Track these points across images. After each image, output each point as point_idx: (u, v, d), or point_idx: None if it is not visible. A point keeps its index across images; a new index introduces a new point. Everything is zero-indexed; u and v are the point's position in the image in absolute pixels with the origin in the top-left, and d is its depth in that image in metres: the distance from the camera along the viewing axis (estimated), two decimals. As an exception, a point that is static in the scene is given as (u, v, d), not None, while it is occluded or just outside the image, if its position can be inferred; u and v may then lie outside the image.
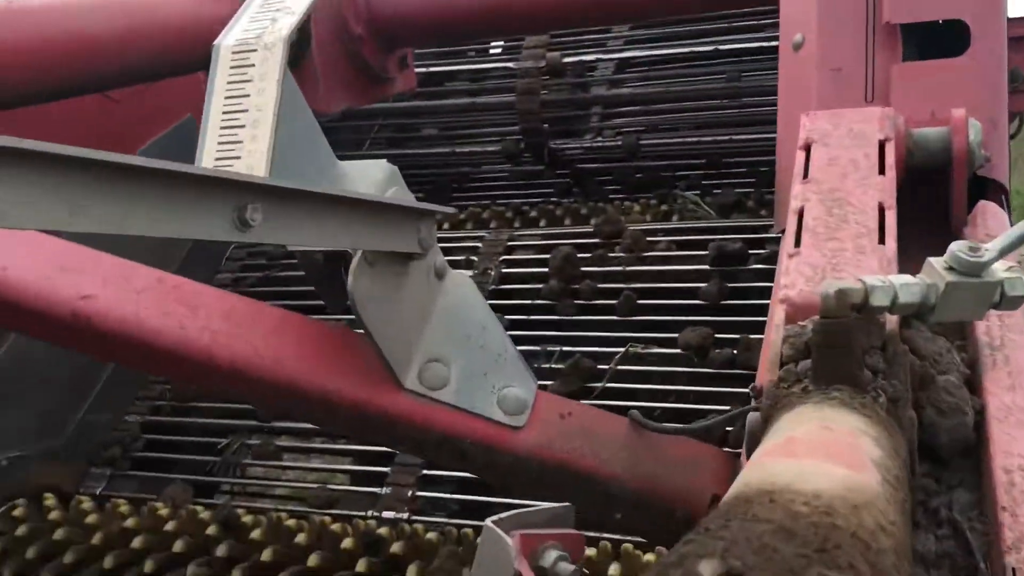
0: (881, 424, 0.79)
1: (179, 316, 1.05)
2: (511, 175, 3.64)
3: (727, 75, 3.32)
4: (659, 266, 2.64)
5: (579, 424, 1.21)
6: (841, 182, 1.10)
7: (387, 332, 1.03)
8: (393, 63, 2.12)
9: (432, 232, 1.07)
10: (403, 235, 1.00)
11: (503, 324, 2.58)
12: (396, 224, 0.98)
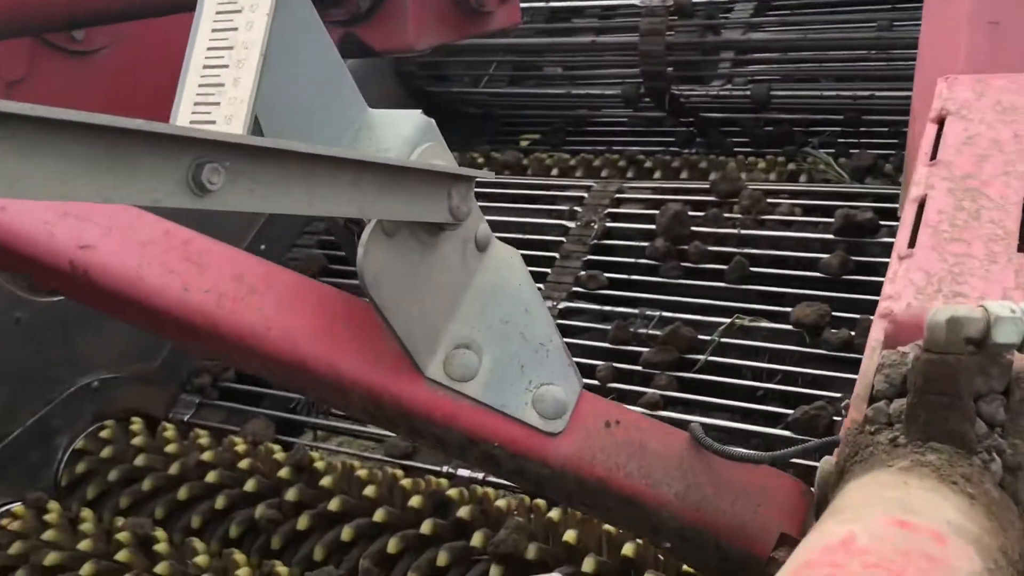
0: (988, 511, 0.60)
1: (184, 275, 0.95)
2: (630, 121, 3.44)
3: (877, 23, 2.99)
4: (778, 231, 2.41)
5: (628, 436, 1.04)
6: (978, 168, 0.89)
7: (407, 315, 0.88)
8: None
9: (469, 198, 0.92)
10: (429, 202, 0.86)
11: (602, 282, 2.47)
12: (419, 189, 0.83)
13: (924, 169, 0.89)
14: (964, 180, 0.86)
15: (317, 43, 0.89)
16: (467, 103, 3.65)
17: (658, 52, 2.96)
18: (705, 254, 2.41)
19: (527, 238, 2.73)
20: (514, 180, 2.99)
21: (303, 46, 0.87)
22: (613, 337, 2.29)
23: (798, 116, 3.08)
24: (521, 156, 3.20)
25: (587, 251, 2.56)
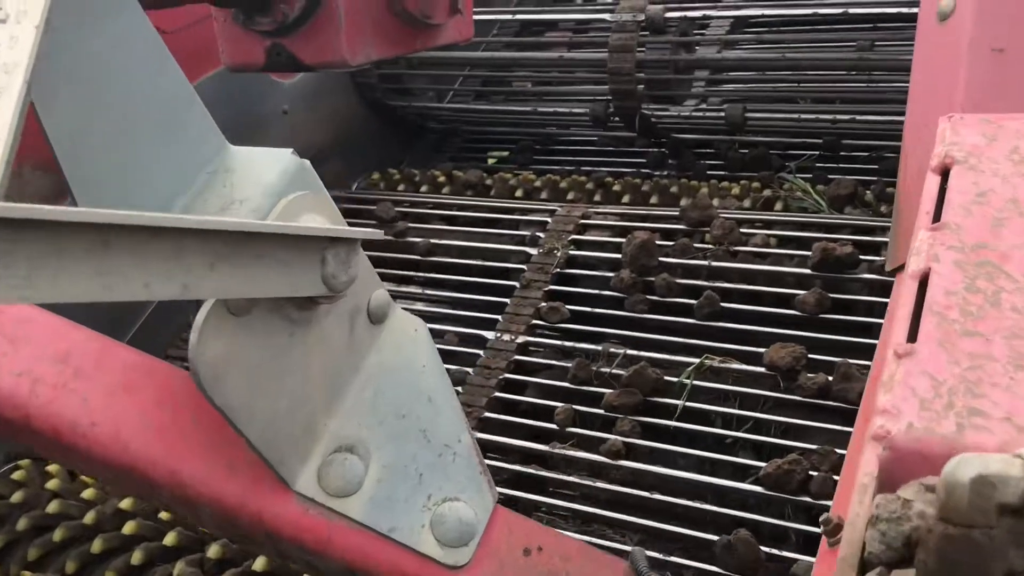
0: None
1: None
2: (600, 140, 3.29)
3: (858, 44, 2.86)
4: (751, 264, 2.26)
5: (552, 567, 0.85)
6: (994, 235, 0.70)
7: (266, 417, 0.69)
8: (441, 7, 1.79)
9: (352, 263, 0.74)
10: (292, 272, 0.67)
11: (564, 314, 2.32)
12: (278, 256, 0.66)
13: (926, 234, 0.72)
14: (977, 251, 0.69)
15: (146, 62, 0.71)
16: (430, 118, 3.49)
17: (628, 70, 2.81)
18: (673, 287, 2.25)
19: (487, 265, 2.57)
20: (475, 202, 2.83)
21: (123, 67, 0.69)
22: (573, 376, 2.13)
23: (774, 139, 2.94)
24: (484, 175, 3.04)
25: (549, 280, 2.41)
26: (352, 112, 3.30)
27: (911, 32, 2.76)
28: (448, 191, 3.05)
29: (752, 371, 2.03)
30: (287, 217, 0.71)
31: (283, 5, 1.61)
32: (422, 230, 2.73)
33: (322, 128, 3.16)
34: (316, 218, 0.73)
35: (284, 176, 0.73)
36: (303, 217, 0.72)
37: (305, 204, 0.74)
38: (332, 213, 0.77)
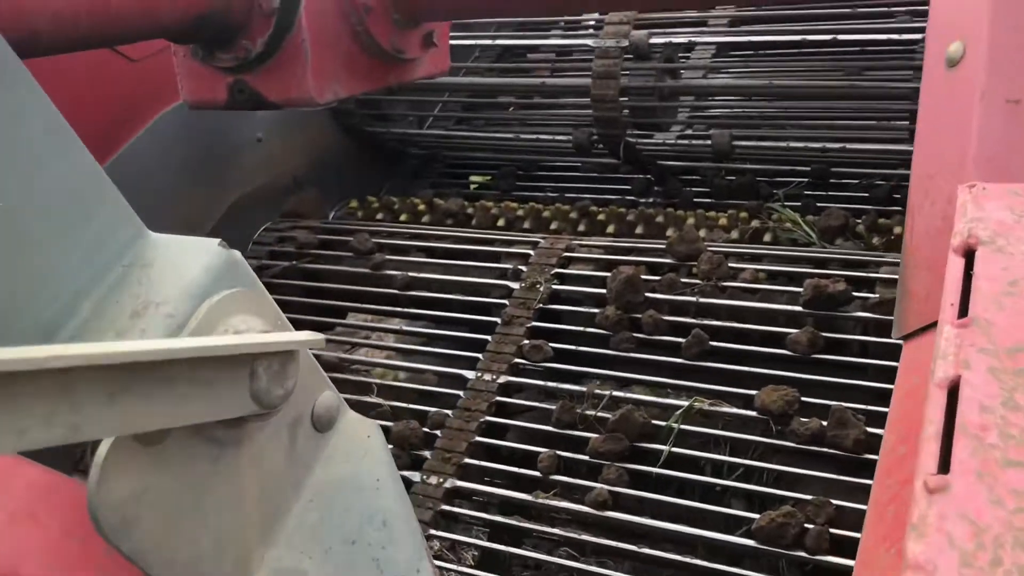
0: None
1: None
2: (584, 166, 3.22)
3: (846, 69, 2.80)
4: (740, 300, 2.18)
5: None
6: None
7: (187, 559, 0.60)
8: (415, 41, 1.71)
9: (288, 373, 0.65)
10: (213, 394, 0.59)
11: (548, 352, 2.23)
12: (196, 378, 0.57)
13: (952, 332, 0.63)
14: (1014, 355, 0.59)
15: (44, 142, 0.60)
16: (411, 144, 3.40)
17: (612, 96, 2.74)
18: (660, 324, 2.17)
19: (468, 300, 2.48)
20: (455, 233, 2.74)
21: (14, 147, 0.59)
22: (557, 420, 2.04)
23: (762, 167, 2.87)
24: (465, 204, 2.96)
25: (531, 316, 2.32)
26: (330, 139, 3.21)
27: (900, 60, 2.72)
28: (428, 220, 2.96)
29: (743, 415, 1.95)
30: (211, 322, 0.62)
31: (245, 40, 1.52)
32: (400, 262, 2.64)
33: (298, 156, 3.07)
34: (248, 320, 0.64)
35: (209, 273, 0.63)
36: (233, 319, 0.63)
37: (234, 305, 0.64)
38: (267, 312, 0.67)
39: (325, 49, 1.54)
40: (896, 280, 2.06)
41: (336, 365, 2.46)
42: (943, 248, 0.89)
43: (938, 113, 0.90)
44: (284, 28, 1.51)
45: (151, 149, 2.56)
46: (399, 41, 1.67)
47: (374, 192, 3.25)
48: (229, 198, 2.81)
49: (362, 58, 1.62)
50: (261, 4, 1.49)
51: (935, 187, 0.89)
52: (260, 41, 1.53)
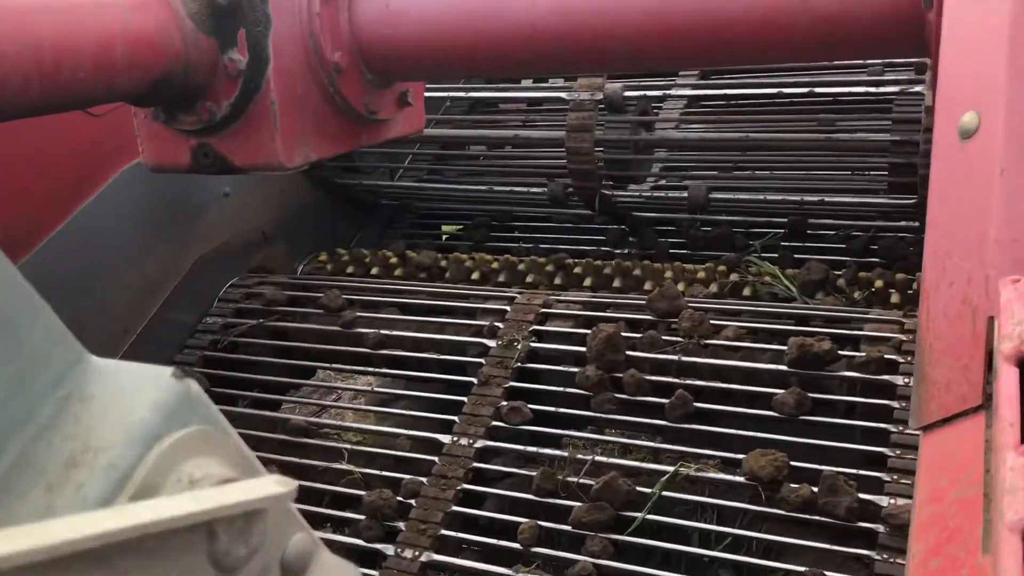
0: None
1: None
2: (559, 217, 3.17)
3: (819, 120, 2.79)
4: (723, 359, 2.13)
5: None
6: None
7: None
8: (388, 101, 1.65)
9: (255, 528, 0.57)
10: (163, 564, 0.51)
11: (526, 415, 2.15)
12: (141, 547, 0.49)
13: (1017, 462, 0.57)
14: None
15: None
16: (382, 195, 3.34)
17: (587, 149, 2.70)
18: (643, 384, 2.11)
19: (443, 359, 2.40)
20: (429, 288, 2.67)
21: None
22: (538, 487, 1.96)
23: (738, 218, 2.84)
24: (438, 256, 2.89)
25: (509, 376, 2.24)
26: (299, 192, 3.14)
27: (875, 112, 2.71)
28: (400, 274, 2.89)
29: (731, 480, 1.88)
30: (161, 473, 0.53)
31: (209, 103, 1.45)
32: (372, 319, 2.56)
33: (267, 209, 2.99)
34: (205, 465, 0.56)
35: (159, 410, 0.54)
36: (187, 466, 0.55)
37: (189, 448, 0.56)
38: (229, 452, 0.59)
39: (295, 111, 1.47)
40: (882, 337, 2.03)
41: (305, 429, 2.37)
42: (964, 333, 0.83)
43: (952, 188, 0.86)
44: (251, 89, 1.44)
45: (113, 204, 2.48)
46: (372, 101, 1.61)
47: (345, 244, 3.17)
48: (194, 254, 2.73)
49: (334, 119, 1.56)
50: (226, 65, 1.42)
51: (952, 267, 0.84)
52: (226, 103, 1.46)
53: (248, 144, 1.46)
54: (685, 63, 1.44)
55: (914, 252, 2.56)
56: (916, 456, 1.80)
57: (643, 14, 1.28)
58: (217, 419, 0.59)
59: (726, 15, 1.24)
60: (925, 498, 0.79)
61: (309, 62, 1.50)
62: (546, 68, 1.46)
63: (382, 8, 1.49)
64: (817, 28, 1.23)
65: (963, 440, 0.80)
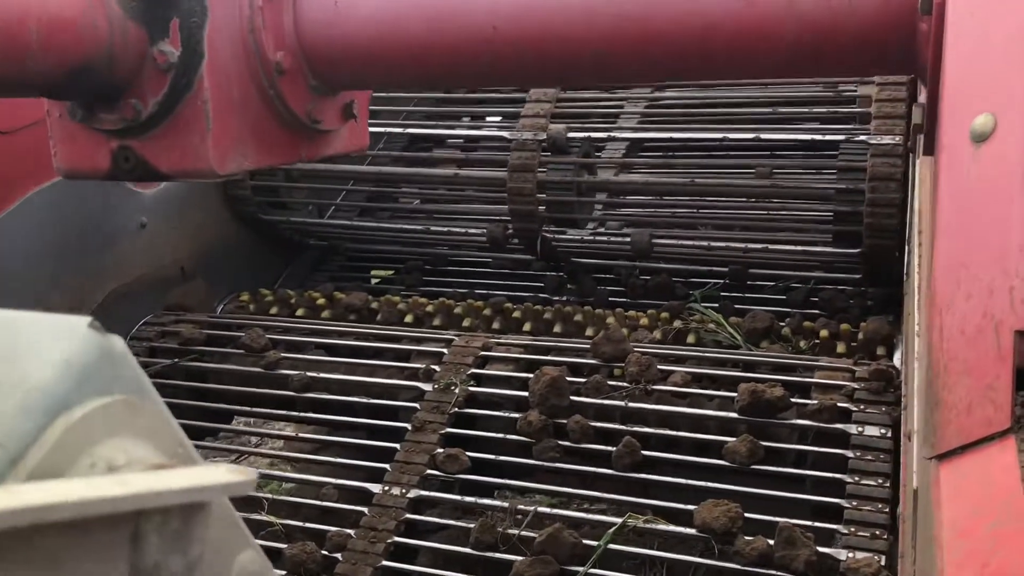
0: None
1: None
2: (496, 262, 3.07)
3: (756, 170, 2.77)
4: (671, 406, 2.04)
5: None
6: None
7: None
8: (332, 111, 1.53)
9: (194, 531, 0.43)
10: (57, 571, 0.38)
11: (464, 463, 2.02)
12: (39, 548, 0.36)
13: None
14: None
15: None
16: (310, 234, 3.19)
17: (529, 190, 2.62)
18: (588, 431, 2.00)
19: (374, 403, 2.25)
20: (359, 329, 2.53)
21: None
22: (476, 540, 1.82)
23: (677, 266, 2.79)
24: (369, 298, 2.75)
25: (446, 422, 2.11)
26: (221, 226, 2.98)
27: (817, 160, 2.71)
28: (328, 315, 2.74)
29: (682, 533, 1.78)
30: (68, 454, 0.40)
31: (134, 100, 1.31)
32: (297, 360, 2.40)
33: (186, 243, 2.82)
34: (129, 448, 0.42)
35: (69, 372, 0.40)
36: (103, 448, 0.41)
37: (108, 424, 0.42)
38: (160, 433, 0.45)
39: (230, 113, 1.34)
40: (834, 384, 1.97)
41: (221, 477, 2.18)
42: (986, 350, 0.75)
43: (966, 194, 0.79)
44: (182, 87, 1.31)
45: (18, 230, 2.29)
46: (315, 109, 1.49)
47: (268, 285, 3.01)
48: (105, 287, 2.54)
49: (272, 126, 1.43)
50: (156, 57, 1.29)
51: (970, 277, 0.77)
52: (152, 101, 1.32)
53: (176, 148, 1.33)
54: (660, 74, 1.37)
55: (854, 305, 2.53)
56: (873, 507, 1.74)
57: (617, 17, 1.21)
58: (147, 389, 0.45)
59: (708, 21, 1.18)
60: (954, 534, 0.70)
61: (248, 61, 1.38)
62: (506, 75, 1.36)
63: (330, 6, 1.38)
64: (804, 37, 1.17)
65: (991, 467, 0.72)
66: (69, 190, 2.37)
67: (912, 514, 1.23)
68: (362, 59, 1.40)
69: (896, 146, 2.24)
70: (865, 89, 2.50)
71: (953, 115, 0.82)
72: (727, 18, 1.18)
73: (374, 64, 1.40)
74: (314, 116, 1.48)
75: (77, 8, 1.17)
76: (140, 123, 1.33)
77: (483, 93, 3.20)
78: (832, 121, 2.56)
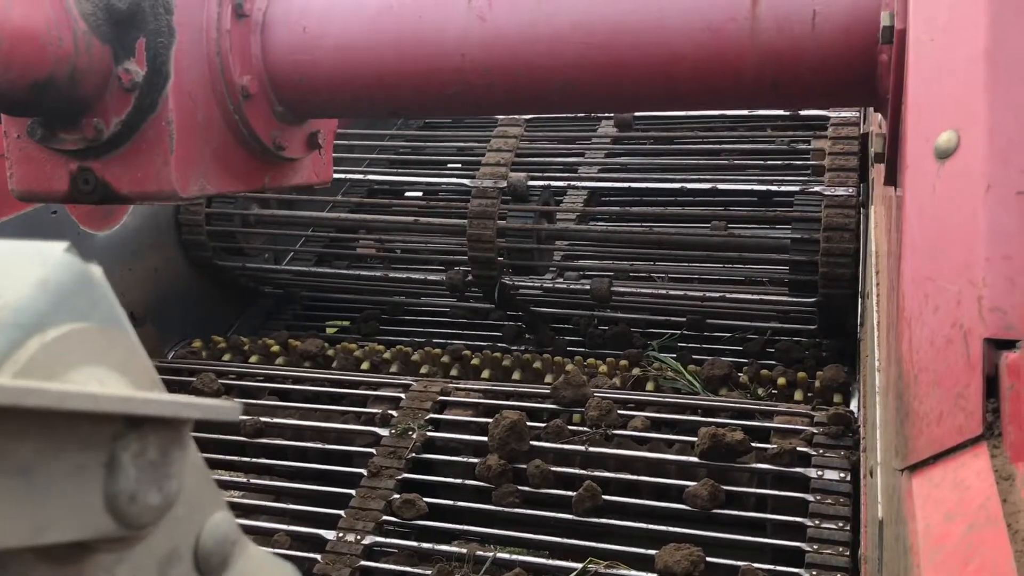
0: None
1: None
2: (453, 311, 3.06)
3: (712, 225, 2.81)
4: (631, 450, 2.02)
5: None
6: None
7: None
8: (298, 139, 1.52)
9: (172, 464, 0.40)
10: (36, 491, 0.35)
11: (421, 508, 1.97)
12: (10, 459, 0.34)
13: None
14: None
15: None
16: (266, 282, 3.15)
17: (489, 237, 2.62)
18: (548, 476, 1.97)
19: (328, 448, 2.20)
20: (314, 375, 2.48)
21: None
22: (433, 588, 1.77)
23: (635, 316, 2.80)
24: (325, 345, 2.71)
25: (403, 468, 2.06)
26: (175, 271, 2.92)
27: (772, 213, 2.76)
28: (282, 362, 2.69)
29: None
30: (41, 377, 0.37)
31: (96, 119, 1.28)
32: (250, 406, 2.34)
33: (137, 288, 2.76)
34: (103, 376, 0.40)
35: (44, 292, 0.38)
36: (76, 373, 0.39)
37: (82, 348, 0.39)
38: (134, 363, 0.43)
39: (193, 135, 1.32)
40: (793, 429, 1.98)
41: (167, 524, 2.09)
42: (955, 360, 0.76)
43: (931, 210, 0.80)
44: (146, 107, 1.28)
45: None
46: (281, 136, 1.47)
47: (221, 333, 2.95)
48: (51, 330, 2.45)
49: (236, 151, 1.41)
50: (120, 76, 1.26)
51: (937, 291, 0.77)
52: (115, 120, 1.29)
53: (137, 169, 1.29)
54: (626, 102, 1.39)
55: (810, 356, 2.56)
56: (834, 551, 1.73)
57: (582, 47, 1.22)
58: (123, 321, 0.43)
59: (673, 50, 1.20)
60: (929, 541, 0.69)
61: (214, 84, 1.36)
62: (474, 103, 1.36)
63: (298, 32, 1.38)
64: (767, 67, 1.20)
65: (964, 473, 0.72)
66: (19, 229, 2.31)
67: (877, 548, 1.22)
68: (329, 85, 1.40)
69: (850, 197, 2.29)
70: (819, 143, 2.56)
71: (917, 134, 0.84)
72: (691, 48, 1.21)
73: (341, 90, 1.40)
74: (279, 143, 1.47)
75: (41, 22, 1.15)
76: (101, 143, 1.30)
77: (445, 142, 3.23)
78: (787, 173, 2.61)
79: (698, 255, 2.67)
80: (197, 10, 1.35)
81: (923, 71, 0.90)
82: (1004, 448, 0.69)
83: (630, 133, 3.09)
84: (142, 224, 2.76)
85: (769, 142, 2.84)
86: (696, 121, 3.08)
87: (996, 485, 0.67)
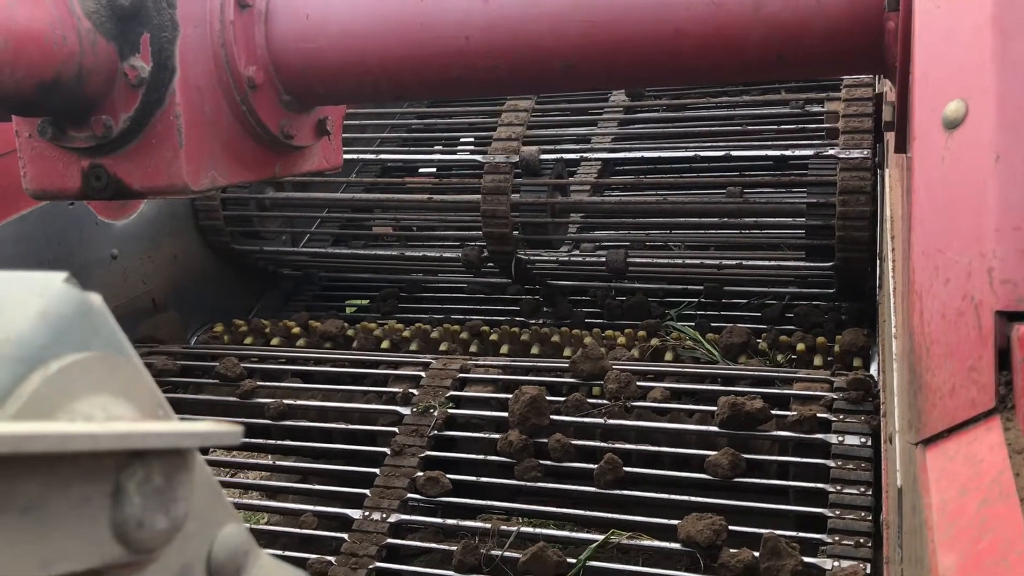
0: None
1: None
2: (471, 287, 3.07)
3: (727, 190, 2.79)
4: (653, 422, 2.03)
5: None
6: None
7: None
8: (306, 127, 1.52)
9: (178, 489, 0.41)
10: (44, 526, 0.37)
11: (445, 485, 2.00)
12: (17, 497, 0.35)
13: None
14: None
15: None
16: (284, 264, 3.17)
17: (503, 212, 2.62)
18: (569, 449, 1.98)
19: (352, 428, 2.23)
20: (335, 356, 2.50)
21: None
22: (459, 563, 1.79)
23: (653, 286, 2.80)
24: (345, 325, 2.73)
25: (425, 445, 2.09)
26: (194, 257, 2.95)
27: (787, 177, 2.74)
28: (303, 344, 2.71)
29: (667, 548, 1.76)
30: (44, 407, 0.38)
31: (105, 116, 1.29)
32: (273, 389, 2.37)
33: (158, 275, 2.79)
34: (108, 405, 0.41)
35: (46, 324, 0.39)
36: (81, 403, 0.40)
37: (85, 379, 0.41)
38: (139, 392, 0.44)
39: (202, 128, 1.32)
40: (813, 396, 1.98)
41: (197, 508, 2.13)
42: (967, 332, 0.75)
43: (940, 181, 0.79)
44: (153, 102, 1.30)
45: (-16, 262, 2.25)
46: (289, 125, 1.48)
47: (242, 316, 2.98)
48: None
49: (245, 141, 1.42)
50: (127, 72, 1.27)
51: (947, 263, 0.77)
52: (124, 117, 1.30)
53: (148, 164, 1.31)
54: (631, 80, 1.38)
55: (829, 319, 2.55)
56: (856, 516, 1.73)
57: (586, 25, 1.21)
58: (125, 347, 0.44)
59: (677, 26, 1.19)
60: (943, 516, 0.70)
61: (220, 76, 1.37)
62: (479, 85, 1.36)
63: (301, 20, 1.38)
64: (772, 39, 1.18)
65: (978, 447, 0.72)
66: (38, 221, 2.34)
67: (897, 514, 1.23)
68: (334, 72, 1.40)
69: (865, 159, 2.27)
70: (832, 105, 2.53)
71: (924, 104, 0.84)
72: (696, 23, 1.20)
73: (346, 77, 1.40)
74: (287, 132, 1.48)
75: (45, 22, 1.16)
76: (111, 140, 1.31)
77: (456, 119, 3.22)
78: (801, 137, 2.59)
79: (714, 222, 2.65)
80: (200, 3, 1.36)
81: (930, 39, 0.89)
82: (1017, 421, 0.70)
83: (641, 102, 3.07)
84: (159, 212, 2.79)
85: (783, 104, 2.81)
86: (708, 87, 3.05)
87: (1009, 459, 0.68)
